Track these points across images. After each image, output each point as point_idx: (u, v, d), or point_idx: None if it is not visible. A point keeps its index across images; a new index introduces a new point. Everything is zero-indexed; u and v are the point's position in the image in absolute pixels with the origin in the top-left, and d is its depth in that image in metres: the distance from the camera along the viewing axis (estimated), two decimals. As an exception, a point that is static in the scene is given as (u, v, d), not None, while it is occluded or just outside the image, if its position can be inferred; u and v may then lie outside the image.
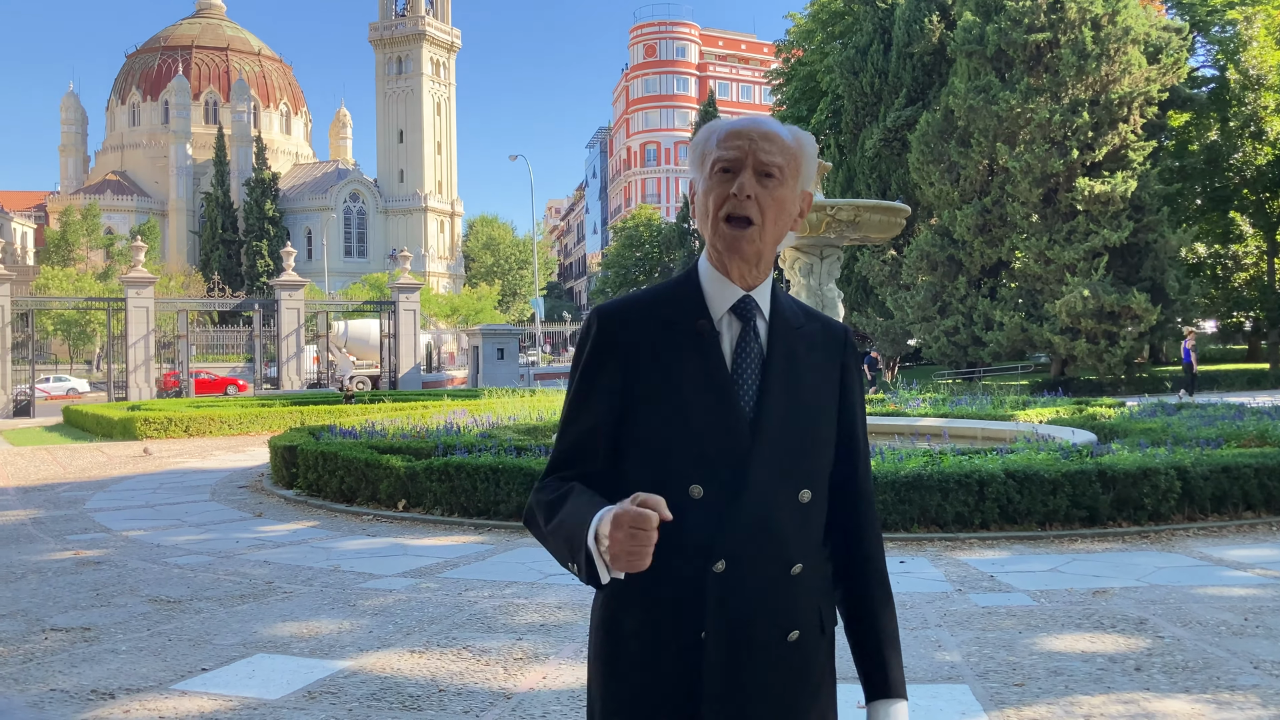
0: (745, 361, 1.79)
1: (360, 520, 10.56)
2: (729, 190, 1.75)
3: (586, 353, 1.83)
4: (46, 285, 57.23)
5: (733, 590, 1.73)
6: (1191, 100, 35.81)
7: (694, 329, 1.78)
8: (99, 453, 19.25)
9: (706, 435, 1.74)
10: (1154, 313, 29.48)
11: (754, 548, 1.74)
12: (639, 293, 1.87)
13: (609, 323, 1.81)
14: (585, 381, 1.83)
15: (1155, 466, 9.03)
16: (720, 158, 1.77)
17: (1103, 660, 5.30)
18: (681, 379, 1.76)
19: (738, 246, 1.76)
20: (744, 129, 1.79)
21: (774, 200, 1.77)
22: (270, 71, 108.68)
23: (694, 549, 1.72)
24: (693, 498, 1.73)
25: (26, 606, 7.04)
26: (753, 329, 1.80)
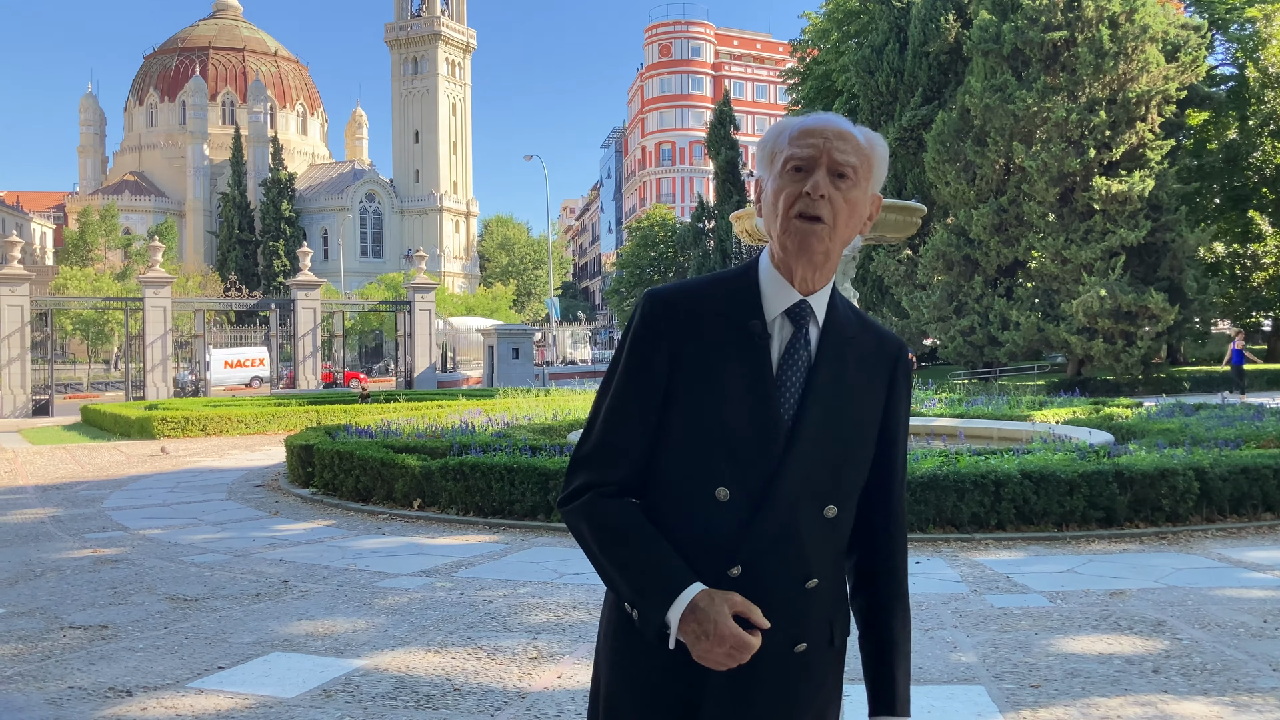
0: (792, 368, 1.75)
1: (376, 519, 10.59)
2: (802, 188, 1.72)
3: (632, 339, 1.78)
4: (65, 285, 57.58)
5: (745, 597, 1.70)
6: (1210, 99, 35.57)
7: (745, 327, 1.75)
8: (117, 451, 19.37)
9: (740, 438, 1.71)
10: (1172, 313, 29.30)
11: (772, 557, 1.72)
12: (695, 281, 1.83)
13: (661, 307, 1.77)
14: (634, 361, 1.78)
15: (1173, 467, 8.98)
16: (793, 155, 1.74)
17: (1120, 662, 5.27)
18: (725, 377, 1.73)
19: (808, 244, 1.73)
20: (818, 127, 1.75)
21: (847, 201, 1.73)
22: (287, 72, 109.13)
23: (713, 551, 1.71)
24: (718, 499, 1.71)
25: (45, 604, 7.09)
26: (804, 335, 1.77)
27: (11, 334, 32.82)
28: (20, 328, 32.94)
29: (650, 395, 1.75)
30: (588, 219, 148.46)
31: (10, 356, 32.87)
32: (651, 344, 1.76)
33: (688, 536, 1.71)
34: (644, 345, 1.76)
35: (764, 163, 1.80)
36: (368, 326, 60.50)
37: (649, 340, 1.76)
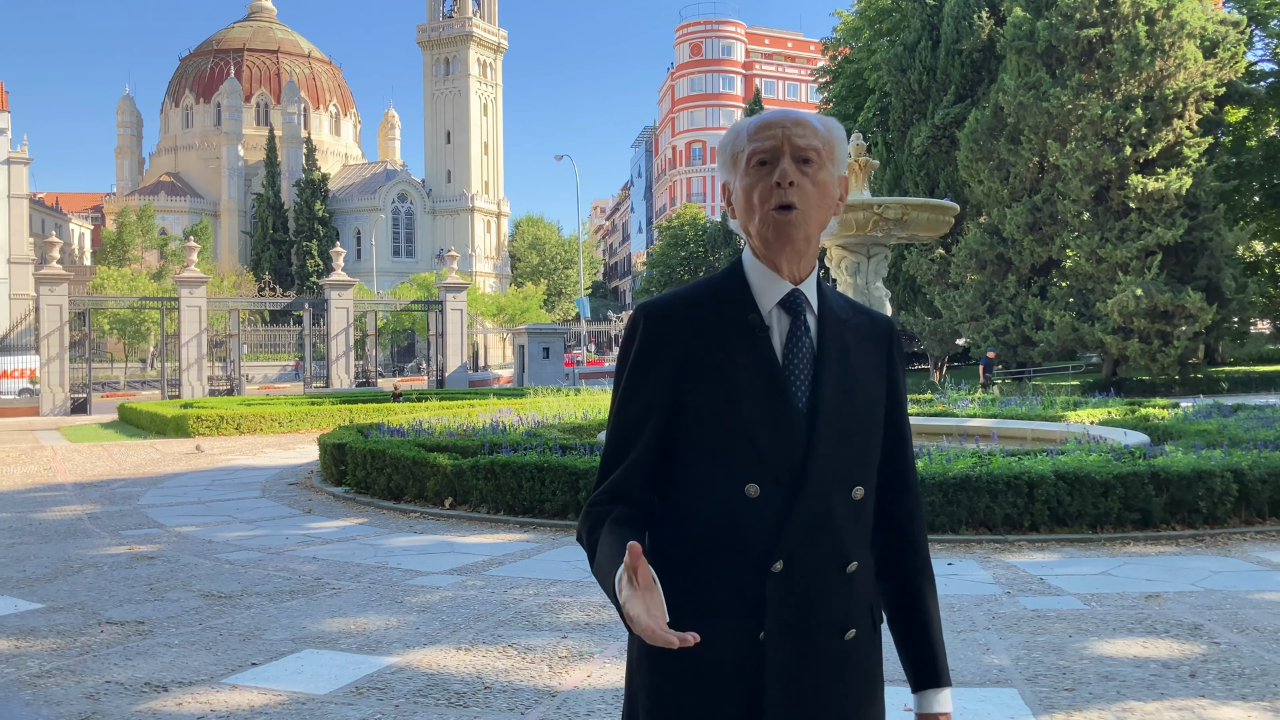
0: (797, 357, 1.77)
1: (408, 518, 10.65)
2: (771, 181, 1.74)
3: (635, 350, 1.80)
4: (102, 285, 58.31)
5: (791, 590, 1.71)
6: (1249, 95, 35.05)
7: (744, 324, 1.76)
8: (153, 449, 19.60)
9: (763, 433, 1.72)
10: (1209, 312, 28.93)
11: (812, 546, 1.73)
12: (683, 289, 1.84)
13: (657, 319, 1.79)
14: (637, 379, 1.79)
15: (1210, 469, 8.86)
16: (756, 150, 1.76)
17: (1156, 666, 5.21)
18: (735, 375, 1.74)
19: (787, 233, 1.75)
20: (773, 119, 1.79)
21: (815, 185, 1.76)
22: (320, 73, 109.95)
23: (752, 549, 1.71)
24: (749, 497, 1.71)
25: (84, 599, 7.18)
26: (803, 323, 1.78)
27: (50, 333, 33.31)
28: (59, 327, 33.41)
29: (657, 406, 1.77)
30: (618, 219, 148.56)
31: (49, 355, 33.36)
32: (655, 356, 1.77)
33: (725, 537, 1.72)
34: (648, 358, 1.78)
35: (727, 166, 1.83)
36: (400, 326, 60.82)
37: (653, 353, 1.77)
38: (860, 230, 12.16)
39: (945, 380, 31.69)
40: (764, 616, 1.70)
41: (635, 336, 1.80)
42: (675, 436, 1.77)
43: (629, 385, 1.80)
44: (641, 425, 1.78)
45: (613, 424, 1.83)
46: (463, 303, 40.31)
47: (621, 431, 1.81)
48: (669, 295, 1.84)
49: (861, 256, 12.70)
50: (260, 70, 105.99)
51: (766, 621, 1.70)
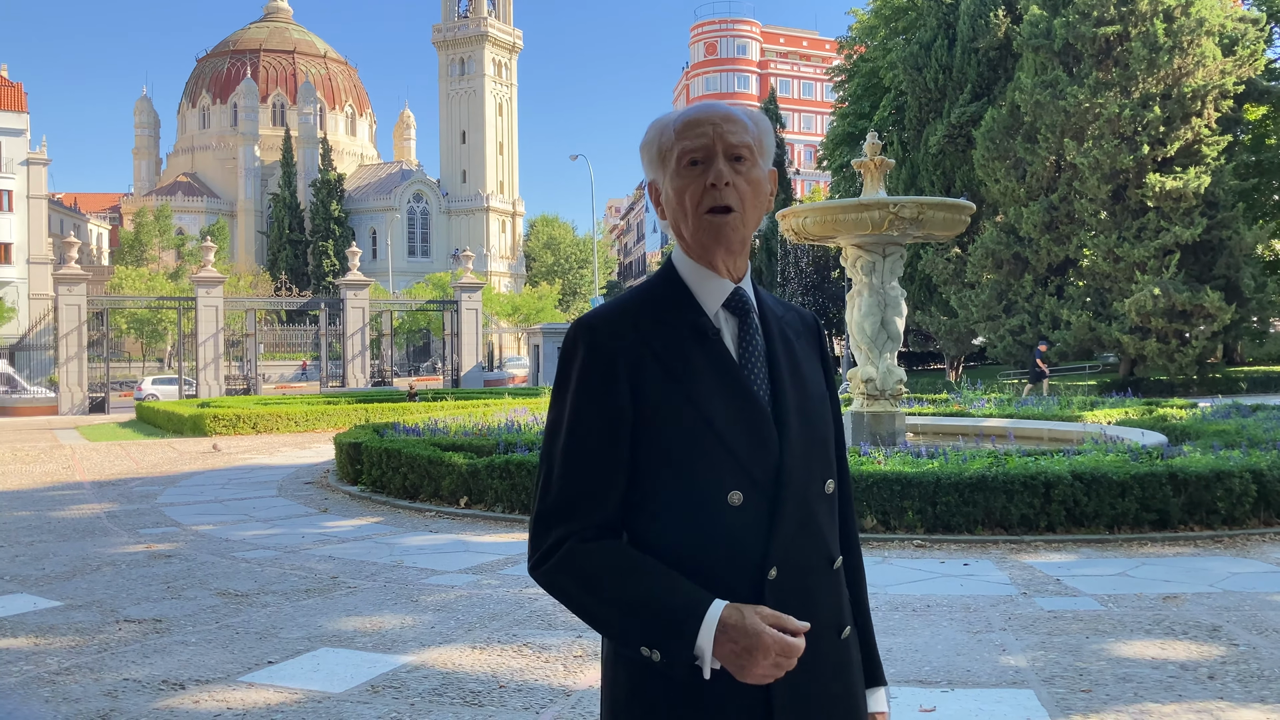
0: (750, 357, 1.72)
1: (423, 517, 10.68)
2: (705, 181, 1.69)
3: (579, 371, 1.68)
4: (120, 285, 58.67)
5: (789, 595, 1.65)
6: (1269, 93, 34.77)
7: (694, 328, 1.70)
8: (170, 448, 19.71)
9: (736, 439, 1.65)
10: (1228, 312, 28.73)
11: (801, 547, 1.69)
12: (620, 299, 1.76)
13: (600, 335, 1.68)
14: (587, 400, 1.67)
15: (1229, 469, 8.80)
16: (686, 149, 1.70)
17: (1174, 668, 5.17)
18: (696, 383, 1.66)
19: (723, 236, 1.70)
20: (703, 116, 1.73)
21: (749, 183, 1.71)
22: (336, 74, 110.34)
23: (744, 558, 1.64)
24: (733, 505, 1.64)
25: (102, 597, 7.23)
26: (751, 323, 1.74)
27: (69, 333, 33.55)
28: (77, 326, 33.65)
29: (617, 426, 1.66)
30: (633, 218, 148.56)
31: (68, 355, 33.61)
32: (606, 372, 1.66)
33: (711, 550, 1.64)
34: (598, 376, 1.66)
35: (654, 164, 1.77)
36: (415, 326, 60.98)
37: (602, 369, 1.66)
38: (876, 229, 12.13)
39: (961, 380, 31.58)
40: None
41: (577, 354, 1.69)
42: (639, 455, 1.67)
43: (578, 408, 1.68)
44: (605, 448, 1.66)
45: (565, 451, 1.68)
46: (478, 302, 40.39)
47: (580, 459, 1.67)
48: (607, 308, 1.74)
49: (877, 255, 12.66)
50: (276, 71, 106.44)
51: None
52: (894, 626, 5.98)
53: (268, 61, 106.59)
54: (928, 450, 10.24)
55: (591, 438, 1.67)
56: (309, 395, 32.57)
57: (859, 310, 12.74)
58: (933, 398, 20.40)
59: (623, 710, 1.70)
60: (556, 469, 1.69)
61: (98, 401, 34.07)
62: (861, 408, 12.70)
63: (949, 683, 5.04)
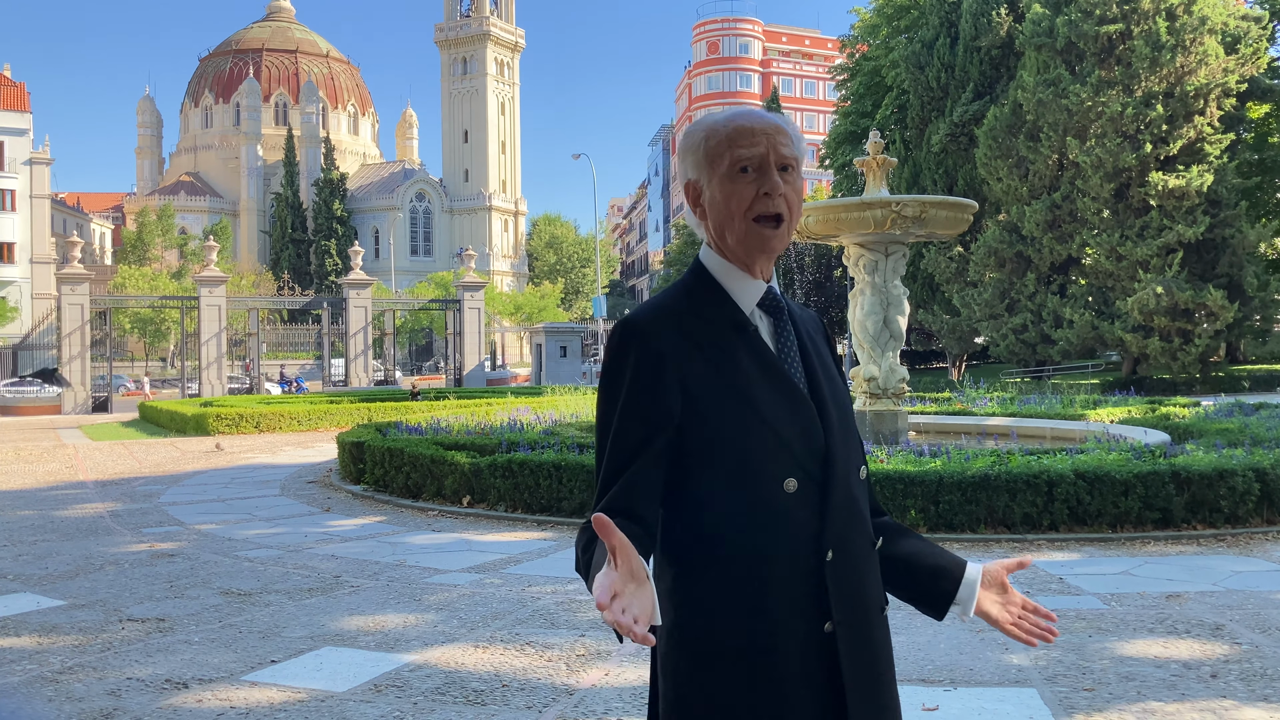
0: (787, 353, 1.79)
1: (426, 516, 10.68)
2: (756, 189, 1.74)
3: (632, 368, 1.73)
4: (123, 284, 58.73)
5: (845, 576, 1.74)
6: (1272, 91, 34.76)
7: (735, 326, 1.77)
8: (173, 448, 19.73)
9: (787, 428, 1.72)
10: (1231, 310, 28.71)
11: (850, 530, 1.77)
12: (660, 299, 1.81)
13: (648, 333, 1.74)
14: (637, 396, 1.72)
15: (1232, 468, 8.79)
16: (740, 156, 1.75)
17: (1177, 666, 5.17)
18: (742, 377, 1.73)
19: (769, 245, 1.77)
20: (758, 125, 1.77)
21: (795, 193, 1.78)
22: (338, 73, 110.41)
23: (803, 543, 1.72)
24: (788, 491, 1.71)
25: (105, 597, 7.24)
26: (785, 321, 1.82)
27: (72, 332, 33.59)
28: (80, 326, 33.69)
29: (666, 423, 1.70)
30: (635, 217, 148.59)
31: (71, 354, 33.65)
32: (656, 371, 1.71)
33: (772, 537, 1.71)
34: (647, 376, 1.71)
35: (699, 165, 1.80)
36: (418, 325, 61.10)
37: (652, 368, 1.71)
38: (878, 228, 12.12)
39: (964, 379, 31.56)
40: (829, 608, 1.71)
41: (628, 353, 1.73)
42: (689, 449, 1.72)
43: (630, 403, 1.72)
44: (648, 442, 1.71)
45: (614, 444, 1.73)
46: (480, 301, 40.40)
47: (625, 451, 1.72)
48: (649, 307, 1.79)
49: (880, 254, 12.66)
50: (279, 70, 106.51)
51: (834, 613, 1.71)
52: (897, 625, 5.97)
53: (270, 61, 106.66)
54: (930, 449, 10.23)
55: (640, 432, 1.72)
56: (311, 394, 32.59)
57: (861, 309, 12.73)
58: (935, 396, 20.39)
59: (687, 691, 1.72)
60: (610, 455, 1.74)
61: (101, 401, 34.10)
62: (864, 406, 12.69)
63: (952, 681, 5.04)
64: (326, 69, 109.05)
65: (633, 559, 1.49)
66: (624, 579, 1.47)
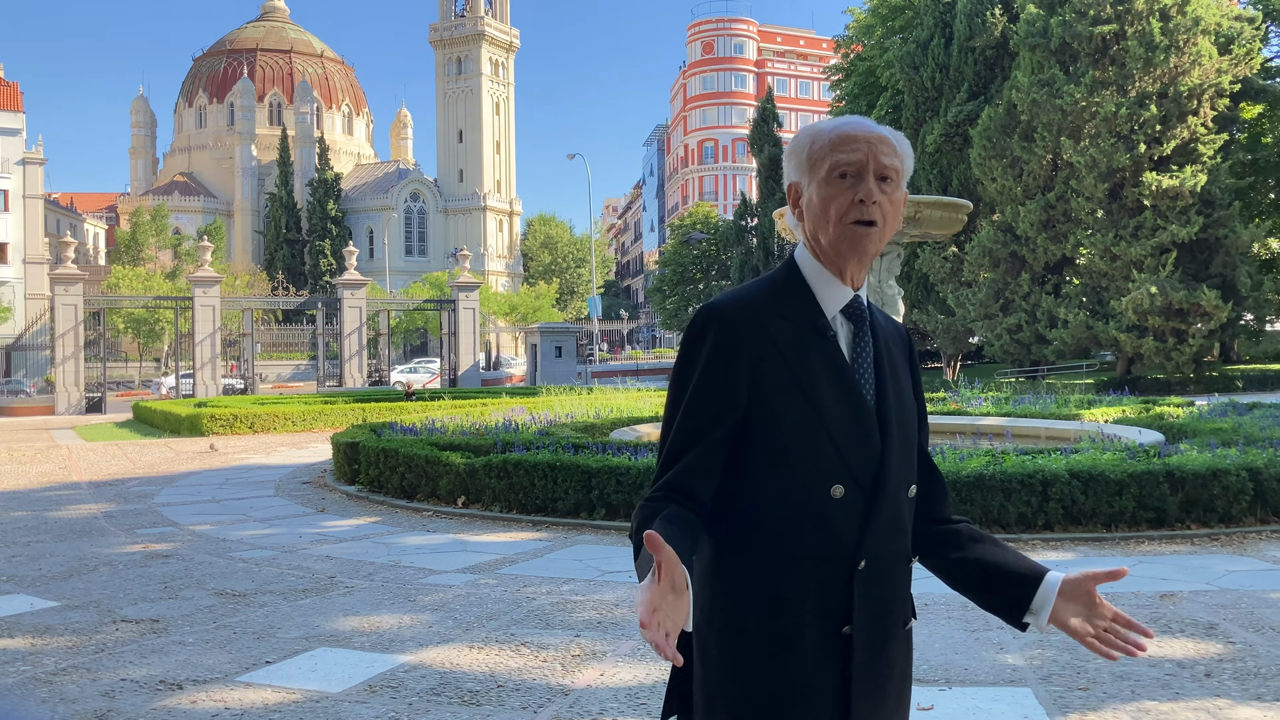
0: (862, 363, 1.82)
1: (420, 516, 10.67)
2: (853, 195, 1.77)
3: (708, 352, 1.78)
4: (117, 284, 58.58)
5: (873, 586, 1.79)
6: (1265, 92, 34.84)
7: (813, 328, 1.80)
8: (167, 448, 19.69)
9: (844, 436, 1.76)
10: (1225, 310, 28.77)
11: (888, 544, 1.82)
12: (745, 290, 1.85)
13: (728, 321, 1.78)
14: (709, 381, 1.78)
15: (1226, 467, 8.81)
16: (840, 162, 1.78)
17: (1171, 665, 5.18)
18: (812, 379, 1.77)
19: (862, 247, 1.79)
20: (860, 134, 1.81)
21: (892, 203, 1.81)
22: (333, 73, 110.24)
23: (840, 548, 1.77)
24: (834, 497, 1.76)
25: (99, 598, 7.22)
26: (865, 331, 1.85)
27: (66, 332, 33.51)
28: (74, 326, 33.61)
29: (728, 414, 1.77)
30: (630, 217, 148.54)
31: (65, 354, 33.57)
32: (730, 358, 1.76)
33: (811, 538, 1.76)
34: (722, 364, 1.77)
35: (801, 168, 1.84)
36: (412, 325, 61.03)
37: (726, 354, 1.77)
38: (873, 228, 12.12)
39: (958, 378, 31.60)
40: (851, 613, 1.77)
41: (706, 337, 1.79)
42: (749, 440, 1.78)
43: (700, 386, 1.78)
44: (713, 426, 1.77)
45: (680, 424, 1.79)
46: (475, 301, 40.37)
47: (689, 432, 1.78)
48: (733, 296, 1.84)
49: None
50: (273, 70, 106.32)
51: (855, 618, 1.77)
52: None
53: (264, 61, 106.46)
54: (925, 449, 10.21)
55: (706, 415, 1.77)
56: (306, 395, 32.55)
57: (856, 309, 12.72)
58: (930, 396, 20.41)
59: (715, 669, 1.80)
60: (675, 436, 1.80)
61: (95, 401, 34.02)
62: (859, 406, 12.67)
63: (947, 681, 5.04)
64: (321, 69, 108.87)
65: (675, 572, 1.54)
66: (664, 592, 1.53)
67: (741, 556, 1.79)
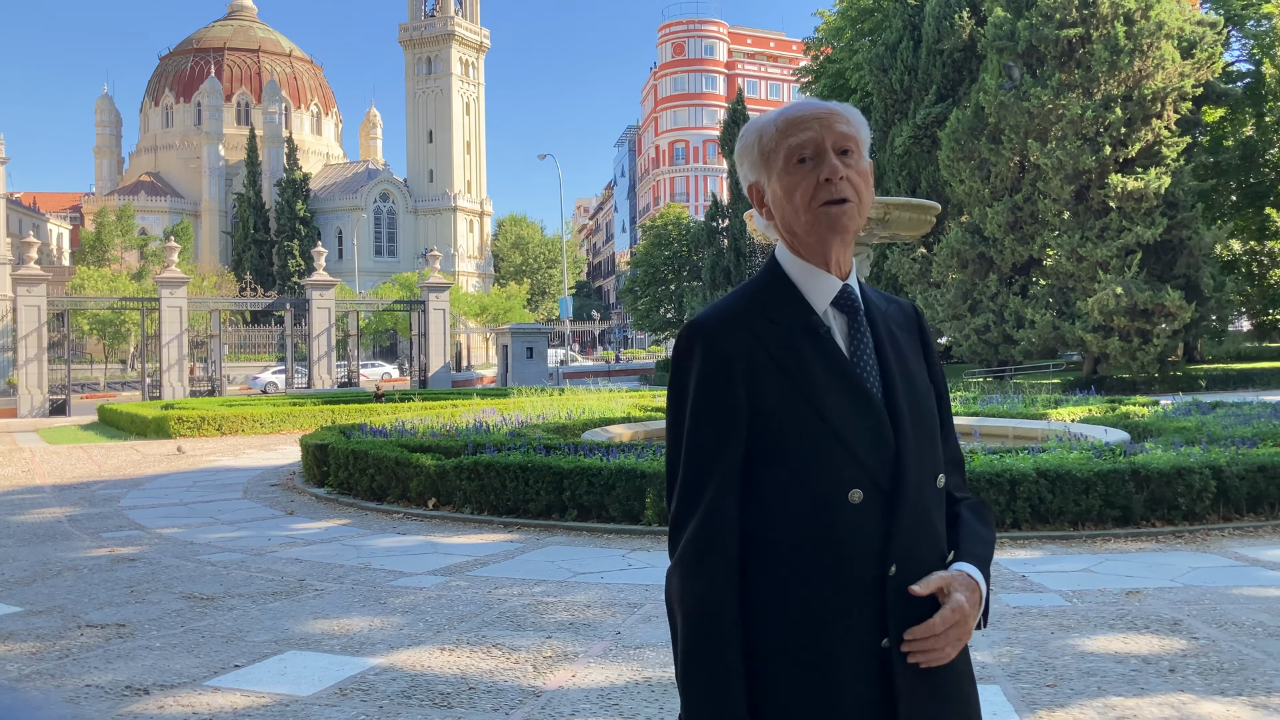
0: (861, 355, 1.73)
1: (391, 518, 10.62)
2: (818, 176, 1.69)
3: (699, 371, 1.69)
4: (82, 285, 57.86)
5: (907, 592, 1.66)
6: (1226, 95, 35.37)
7: (806, 327, 1.71)
8: (133, 451, 19.47)
9: (855, 437, 1.67)
10: (1188, 310, 29.14)
11: (919, 544, 1.70)
12: (728, 300, 1.77)
13: (715, 336, 1.70)
14: (706, 400, 1.69)
15: (1190, 466, 8.93)
16: (794, 146, 1.71)
17: (1136, 661, 5.24)
18: (811, 382, 1.67)
19: (840, 225, 1.70)
20: (806, 113, 1.74)
21: (860, 175, 1.73)
22: (301, 72, 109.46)
23: (865, 555, 1.65)
24: (853, 503, 1.65)
25: (63, 603, 7.13)
26: (860, 320, 1.75)
27: (29, 334, 33.05)
28: (37, 328, 33.16)
29: (734, 429, 1.68)
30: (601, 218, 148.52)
31: (28, 356, 33.11)
32: (723, 376, 1.68)
33: (833, 548, 1.65)
34: (715, 380, 1.68)
35: (756, 166, 1.77)
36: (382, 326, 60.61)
37: (719, 373, 1.68)
38: (842, 229, 12.17)
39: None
40: (887, 623, 1.65)
41: (694, 356, 1.70)
42: (755, 455, 1.69)
43: (698, 409, 1.70)
44: (721, 449, 1.69)
45: (688, 451, 1.71)
46: (445, 302, 40.20)
47: (700, 457, 1.69)
48: (716, 308, 1.74)
49: (844, 256, 12.72)
50: (241, 69, 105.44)
51: (890, 628, 1.65)
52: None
53: (232, 60, 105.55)
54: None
55: (713, 436, 1.69)
56: (274, 397, 32.28)
57: (826, 310, 12.78)
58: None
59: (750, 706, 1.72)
60: (687, 460, 1.71)
61: (59, 404, 33.59)
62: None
63: (916, 679, 5.07)
64: (289, 68, 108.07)
65: None
66: None
67: (761, 569, 1.68)
